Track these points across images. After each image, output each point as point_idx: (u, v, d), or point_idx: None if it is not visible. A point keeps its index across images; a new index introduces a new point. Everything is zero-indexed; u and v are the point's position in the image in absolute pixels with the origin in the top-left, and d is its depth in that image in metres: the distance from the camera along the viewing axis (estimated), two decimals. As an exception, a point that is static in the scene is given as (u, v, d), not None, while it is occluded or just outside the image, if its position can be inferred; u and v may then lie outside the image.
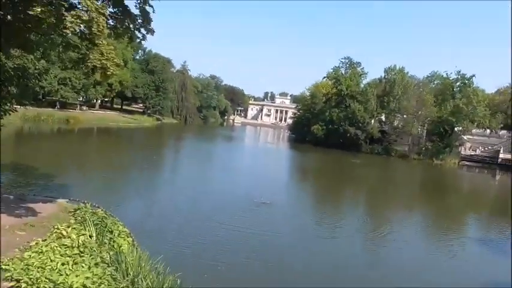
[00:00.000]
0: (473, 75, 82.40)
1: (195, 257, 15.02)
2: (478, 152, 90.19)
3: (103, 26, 10.78)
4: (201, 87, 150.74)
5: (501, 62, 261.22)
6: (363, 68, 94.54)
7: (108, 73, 12.06)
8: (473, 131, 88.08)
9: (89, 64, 11.79)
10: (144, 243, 13.33)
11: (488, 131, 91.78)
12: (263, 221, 21.64)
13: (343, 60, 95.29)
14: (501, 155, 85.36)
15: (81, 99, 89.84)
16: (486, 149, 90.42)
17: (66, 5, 10.79)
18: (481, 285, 15.55)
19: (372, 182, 48.08)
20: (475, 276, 17.07)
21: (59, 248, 9.85)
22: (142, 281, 9.44)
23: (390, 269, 17.03)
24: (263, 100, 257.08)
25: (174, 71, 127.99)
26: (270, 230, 19.87)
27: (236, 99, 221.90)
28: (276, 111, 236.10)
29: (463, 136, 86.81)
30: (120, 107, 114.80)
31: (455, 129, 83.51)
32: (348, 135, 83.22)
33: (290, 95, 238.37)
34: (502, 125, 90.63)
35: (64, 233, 10.92)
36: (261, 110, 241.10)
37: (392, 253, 19.41)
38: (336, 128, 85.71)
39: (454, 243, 22.52)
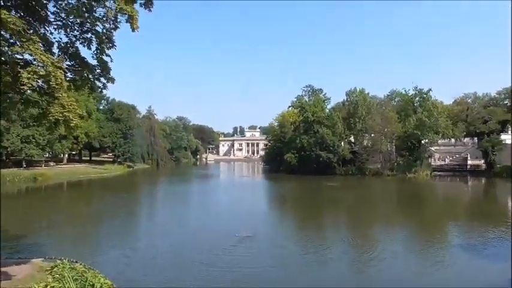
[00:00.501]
0: (430, 89, 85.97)
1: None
2: (447, 161, 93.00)
3: (61, 79, 10.73)
4: (169, 129, 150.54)
5: (453, 73, 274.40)
6: (325, 94, 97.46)
7: (72, 125, 11.90)
8: (439, 141, 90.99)
9: (51, 118, 11.61)
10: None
11: (453, 140, 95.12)
12: (248, 255, 21.26)
13: (305, 89, 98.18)
14: (469, 162, 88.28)
15: (47, 155, 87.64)
16: (454, 157, 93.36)
17: (21, 63, 10.72)
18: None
19: (351, 202, 48.42)
20: (469, 283, 17.17)
21: (37, 310, 9.32)
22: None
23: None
24: (233, 135, 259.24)
25: (140, 117, 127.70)
26: (256, 265, 19.51)
27: (206, 137, 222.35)
28: (248, 144, 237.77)
29: (430, 148, 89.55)
30: (88, 158, 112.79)
31: (422, 141, 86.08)
32: (321, 159, 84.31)
33: (259, 127, 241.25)
34: (464, 133, 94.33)
35: (42, 293, 10.37)
36: (232, 145, 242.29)
37: (384, 271, 19.19)
38: (308, 154, 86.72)
39: (441, 252, 22.80)
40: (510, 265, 18.27)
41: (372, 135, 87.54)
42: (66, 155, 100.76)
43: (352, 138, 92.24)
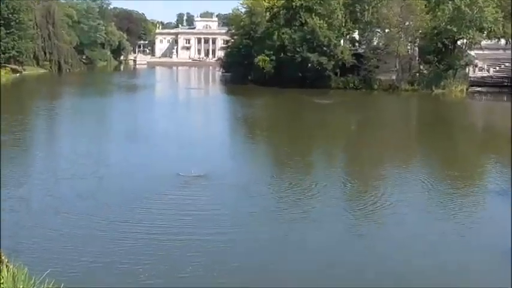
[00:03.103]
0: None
1: (103, 268, 14.71)
2: (491, 72, 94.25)
3: None
4: (77, 15, 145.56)
5: None
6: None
7: None
8: (483, 43, 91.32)
9: None
10: (20, 259, 12.71)
11: (503, 41, 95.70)
12: (194, 204, 21.40)
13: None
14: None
15: None
16: (502, 66, 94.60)
17: None
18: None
19: (352, 129, 49.40)
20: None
21: None
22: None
23: (394, 262, 16.15)
24: (177, 27, 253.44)
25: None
26: (203, 220, 19.45)
27: (135, 29, 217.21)
28: (199, 41, 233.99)
29: (469, 52, 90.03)
30: None
31: (458, 42, 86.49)
32: (309, 65, 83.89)
33: (217, 15, 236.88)
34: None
35: None
36: (176, 41, 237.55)
37: (393, 230, 19.24)
38: (290, 56, 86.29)
39: (471, 200, 23.48)
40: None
41: (386, 30, 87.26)
42: None
43: (356, 35, 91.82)
